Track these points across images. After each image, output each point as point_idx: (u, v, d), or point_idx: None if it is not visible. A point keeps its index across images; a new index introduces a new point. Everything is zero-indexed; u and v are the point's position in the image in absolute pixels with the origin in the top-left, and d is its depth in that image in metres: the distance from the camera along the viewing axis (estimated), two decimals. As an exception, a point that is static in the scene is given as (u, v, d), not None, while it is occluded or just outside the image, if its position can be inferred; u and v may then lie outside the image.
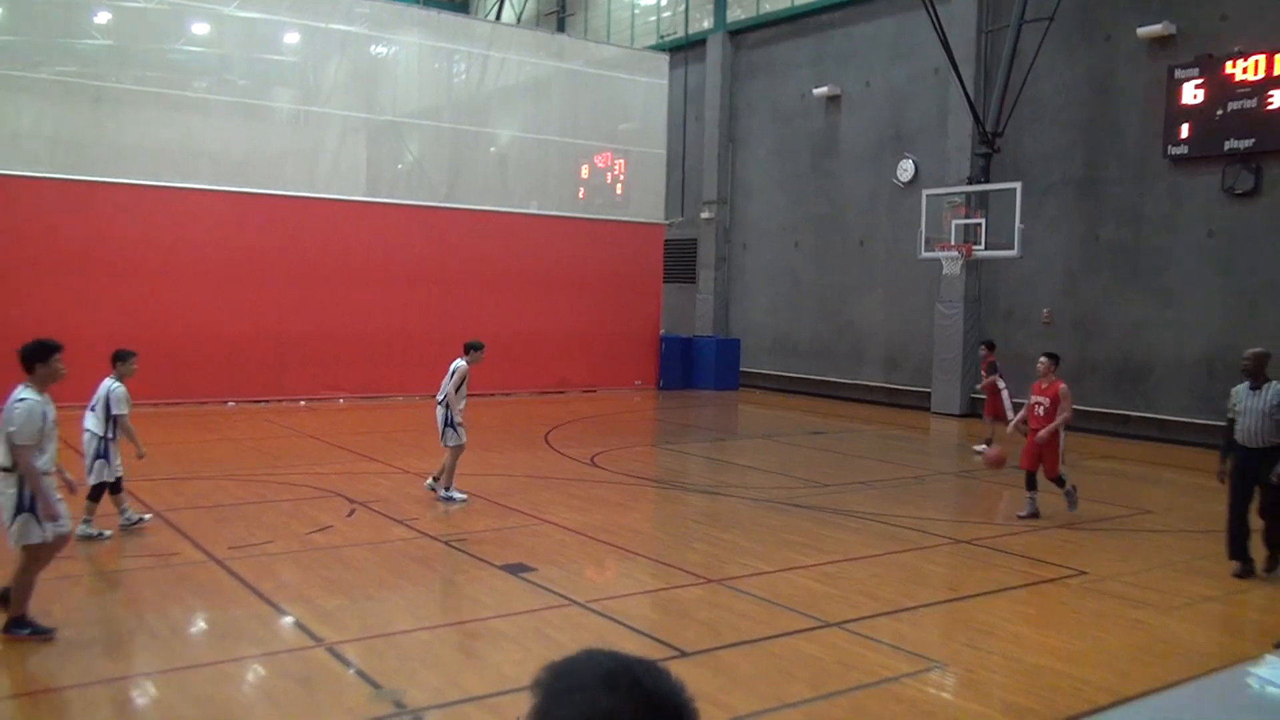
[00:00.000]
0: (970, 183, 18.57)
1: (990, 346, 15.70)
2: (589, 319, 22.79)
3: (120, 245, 17.70)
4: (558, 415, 18.68)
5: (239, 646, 6.60)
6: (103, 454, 8.97)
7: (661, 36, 27.55)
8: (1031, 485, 10.82)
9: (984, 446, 15.04)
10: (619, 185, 24.29)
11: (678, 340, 24.60)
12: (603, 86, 23.86)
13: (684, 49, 26.18)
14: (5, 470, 6.44)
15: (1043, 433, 10.57)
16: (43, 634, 6.44)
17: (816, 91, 23.06)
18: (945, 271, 18.59)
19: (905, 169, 21.31)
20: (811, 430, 18.00)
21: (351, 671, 6.12)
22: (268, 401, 18.89)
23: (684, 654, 6.42)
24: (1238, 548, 8.59)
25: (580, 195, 23.85)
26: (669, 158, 24.81)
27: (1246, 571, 8.53)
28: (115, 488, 9.11)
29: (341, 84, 21.34)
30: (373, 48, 21.88)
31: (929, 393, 20.57)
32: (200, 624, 7.16)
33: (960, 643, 6.98)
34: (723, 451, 16.42)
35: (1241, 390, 8.60)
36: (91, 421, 9.06)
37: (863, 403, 21.82)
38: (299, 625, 6.91)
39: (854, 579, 8.36)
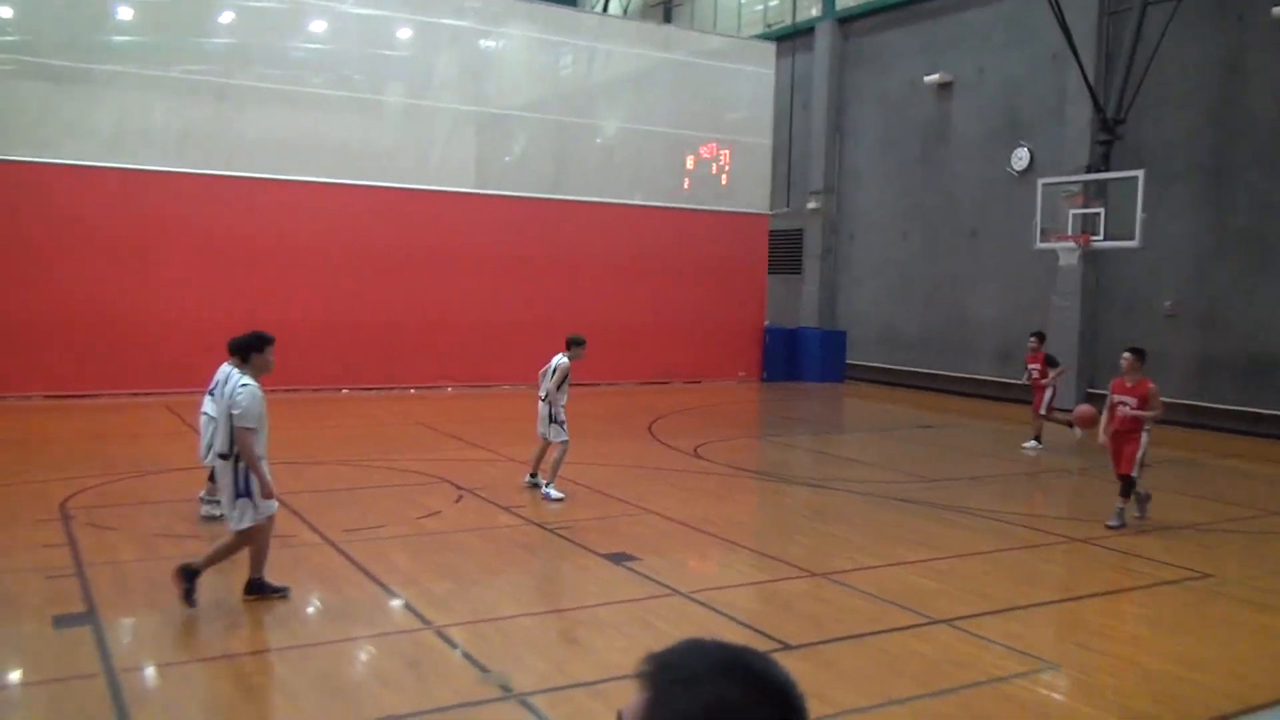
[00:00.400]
0: (1089, 171, 17.92)
1: (1041, 338, 15.23)
2: (693, 310, 22.77)
3: (242, 236, 18.38)
4: (661, 406, 18.72)
5: (352, 627, 6.80)
6: None
7: (768, 25, 27.29)
8: (1126, 493, 9.99)
9: (1034, 443, 14.67)
10: (724, 176, 24.17)
11: (782, 332, 24.40)
12: (708, 77, 23.77)
13: (791, 38, 25.88)
14: (224, 457, 6.91)
15: (1128, 411, 9.74)
16: (278, 591, 7.07)
17: (927, 79, 22.55)
18: (1061, 263, 17.98)
19: (1020, 157, 20.69)
20: (920, 424, 17.66)
21: (459, 654, 6.25)
22: (380, 389, 19.39)
23: (788, 647, 6.37)
24: None
25: (685, 186, 23.80)
26: (775, 148, 24.59)
27: None
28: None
29: (451, 78, 21.73)
30: (482, 41, 22.21)
31: (1043, 387, 19.95)
32: (316, 604, 7.40)
33: (1074, 644, 6.77)
34: (827, 444, 16.23)
35: None
36: (210, 405, 9.42)
37: (973, 397, 21.29)
38: (409, 608, 7.08)
39: (964, 576, 8.18)
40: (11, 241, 16.77)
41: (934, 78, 22.36)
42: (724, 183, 24.07)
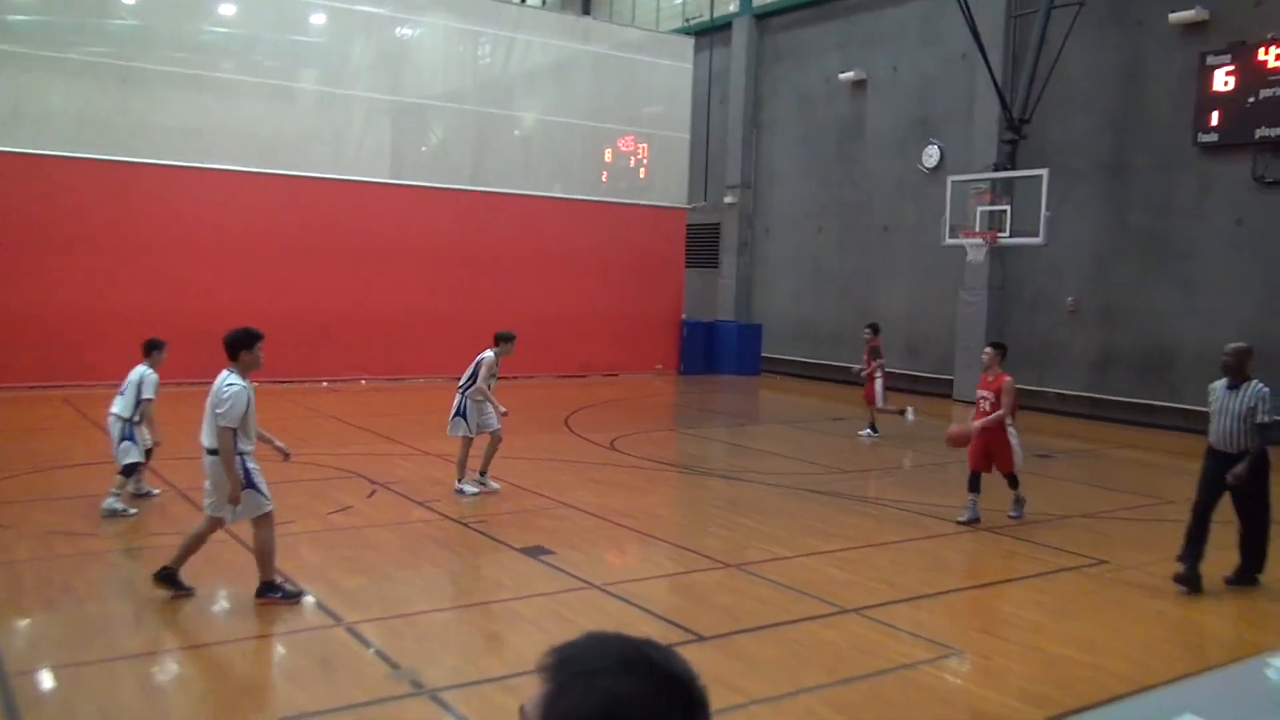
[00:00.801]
0: (996, 169, 18.40)
1: (875, 329, 15.74)
2: (611, 303, 22.79)
3: (147, 225, 17.85)
4: (579, 399, 18.71)
5: (259, 624, 6.67)
6: (128, 436, 9.15)
7: (687, 20, 27.42)
8: (974, 487, 9.87)
9: (868, 432, 15.41)
10: (642, 169, 24.24)
11: (699, 325, 24.57)
12: (627, 70, 23.78)
13: (709, 32, 26.04)
14: (211, 452, 6.79)
15: (977, 424, 9.76)
16: (293, 597, 6.96)
17: (843, 76, 22.90)
18: (970, 259, 18.45)
19: (931, 155, 21.14)
20: (832, 416, 17.95)
21: (371, 651, 6.17)
22: (290, 382, 19.00)
23: (702, 638, 6.43)
24: (1189, 552, 7.71)
25: (603, 179, 23.81)
26: (693, 142, 24.73)
27: (1188, 581, 7.62)
28: (130, 469, 9.25)
29: (367, 66, 21.38)
30: (398, 29, 21.90)
31: (951, 380, 20.46)
32: (223, 602, 7.23)
33: (979, 630, 6.96)
34: (743, 437, 16.40)
35: (1219, 388, 7.86)
36: (119, 405, 9.21)
37: (891, 390, 21.69)
38: (319, 604, 6.97)
39: (873, 565, 8.35)
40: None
41: (849, 75, 22.71)
42: (642, 176, 24.15)
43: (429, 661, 6.07)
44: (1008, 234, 17.42)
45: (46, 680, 5.71)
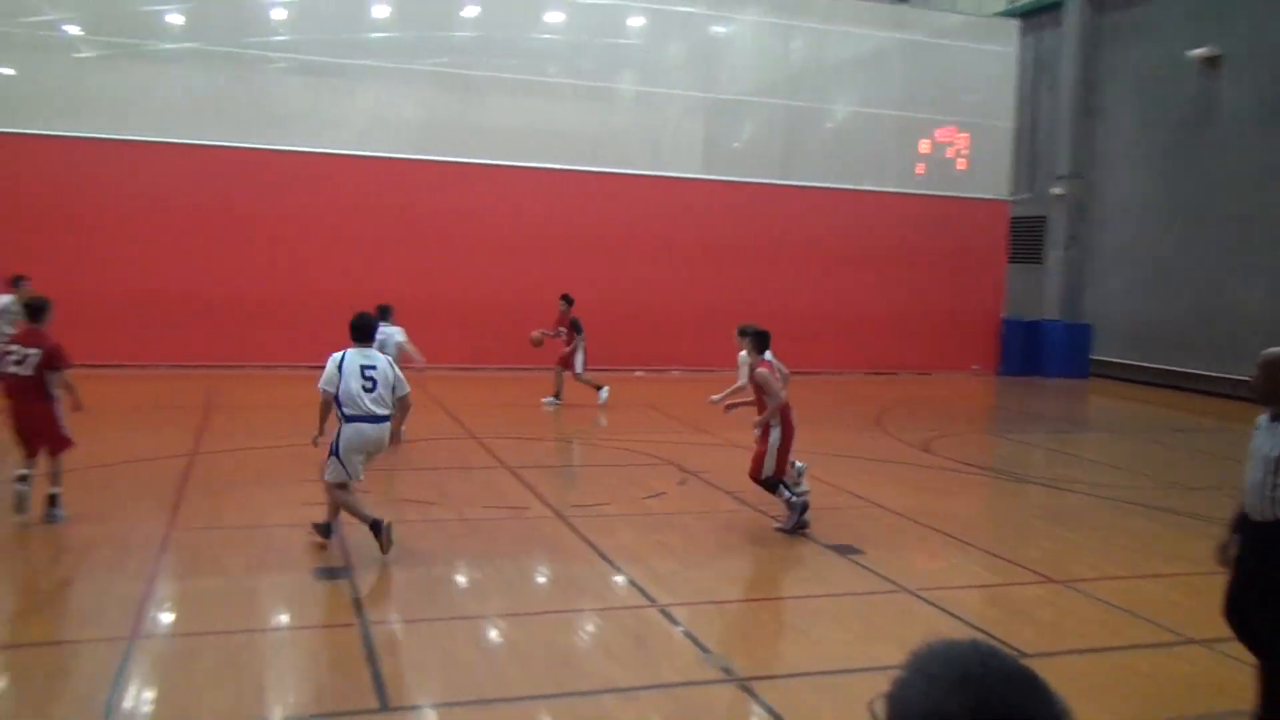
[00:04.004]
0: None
1: (568, 301, 15.50)
2: (925, 299, 22.06)
3: (484, 222, 19.31)
4: (889, 397, 18.25)
5: (579, 599, 7.01)
6: None
7: (1011, 2, 25.96)
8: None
9: (553, 399, 15.25)
10: (961, 160, 23.24)
11: (1021, 324, 23.24)
12: (946, 57, 22.89)
13: (1036, 13, 24.50)
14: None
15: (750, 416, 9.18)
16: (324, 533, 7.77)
17: (1192, 53, 20.78)
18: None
19: (1300, 137, 18.77)
20: (1176, 427, 16.39)
21: (681, 633, 6.31)
22: (608, 370, 19.85)
23: (1022, 654, 6.06)
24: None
25: (919, 171, 23.07)
26: (1017, 131, 23.42)
27: None
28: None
29: (682, 64, 21.97)
30: (712, 27, 22.30)
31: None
32: (546, 574, 7.67)
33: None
34: (1067, 444, 15.34)
35: (1262, 422, 5.00)
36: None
37: (1237, 399, 19.56)
38: (633, 584, 7.21)
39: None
40: (274, 222, 18.27)
41: (1199, 51, 20.57)
42: (961, 167, 23.16)
43: (738, 650, 6.13)
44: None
45: (398, 632, 6.29)
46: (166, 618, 6.41)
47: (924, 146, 23.11)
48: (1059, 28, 24.19)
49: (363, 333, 7.77)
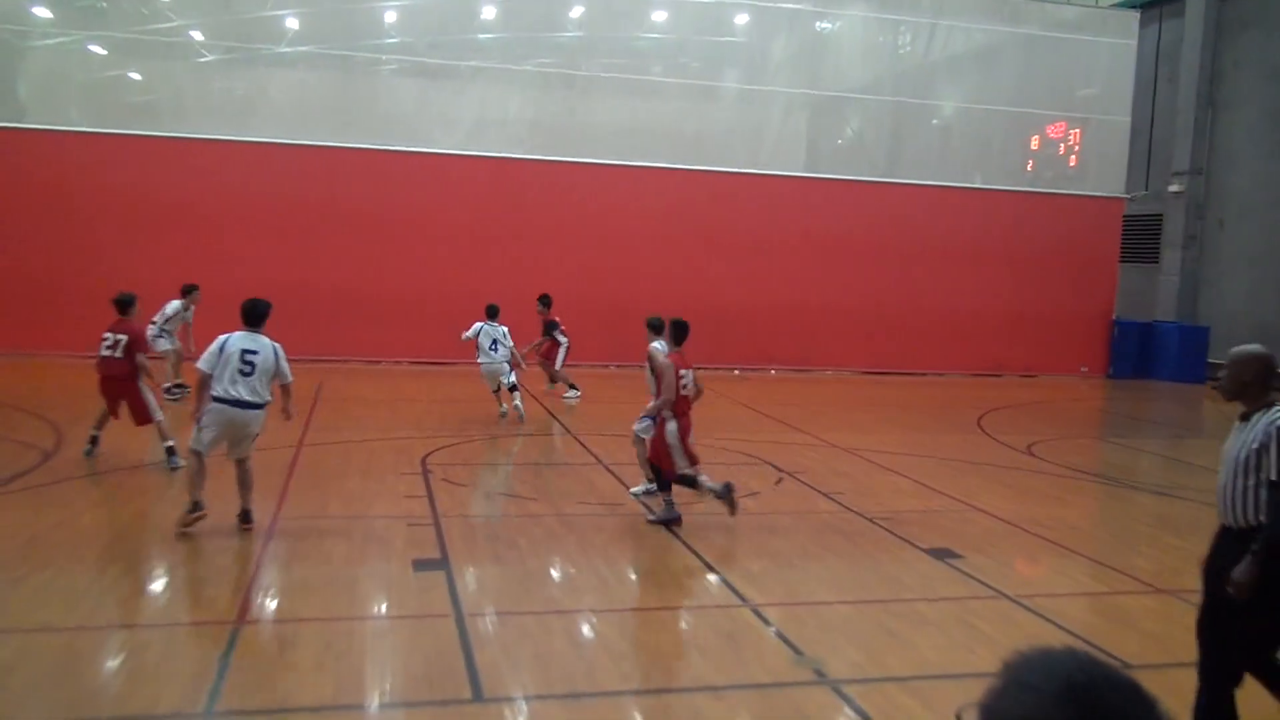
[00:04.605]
0: None
1: (545, 302, 15.40)
2: (1031, 299, 21.49)
3: (588, 220, 19.51)
4: (992, 399, 17.82)
5: (672, 597, 7.04)
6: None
7: (1132, -9, 25.05)
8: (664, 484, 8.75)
9: (573, 393, 15.34)
10: (1073, 156, 22.56)
11: (1134, 326, 22.45)
12: (1060, 50, 22.24)
13: (1157, 4, 23.61)
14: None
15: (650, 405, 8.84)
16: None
17: (1326, 42, 19.79)
18: None
19: None
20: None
21: (773, 634, 6.28)
22: (705, 369, 19.81)
23: (1127, 666, 5.83)
24: None
25: (1029, 167, 22.48)
26: (1133, 126, 22.61)
27: None
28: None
29: (786, 61, 21.81)
30: (818, 24, 22.08)
31: None
32: (639, 571, 7.72)
33: None
34: (1181, 450, 14.76)
35: (1235, 425, 4.72)
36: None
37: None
38: (726, 584, 7.21)
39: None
40: (384, 222, 18.76)
41: (1334, 41, 19.58)
42: (1073, 164, 22.49)
43: (831, 652, 6.07)
44: None
45: (493, 624, 6.41)
46: (271, 603, 6.66)
47: (1035, 143, 22.52)
48: (1180, 18, 23.26)
49: (252, 317, 7.98)
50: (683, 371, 8.61)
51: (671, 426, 8.55)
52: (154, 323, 13.33)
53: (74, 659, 5.51)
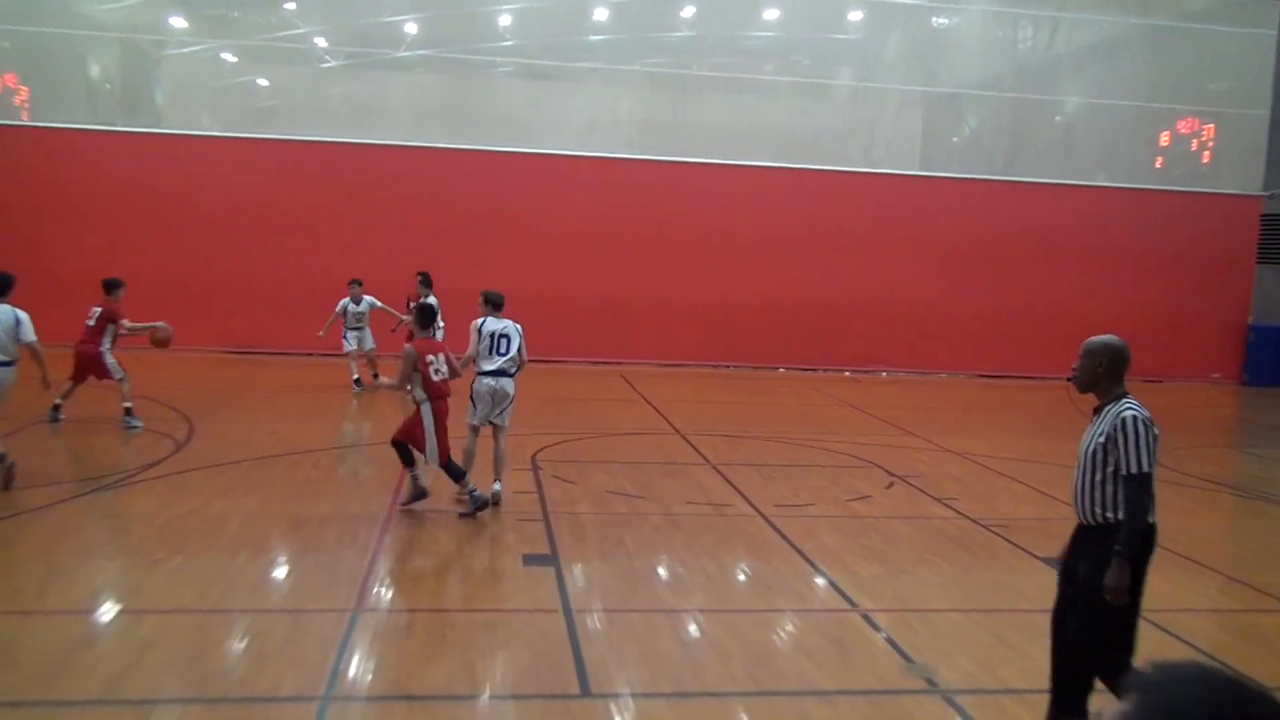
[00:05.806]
0: None
1: (425, 282, 14.51)
2: (1158, 301, 20.63)
3: (696, 221, 19.49)
4: (1115, 405, 17.14)
5: (780, 599, 6.97)
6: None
7: (1271, -21, 23.84)
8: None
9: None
10: (1205, 153, 21.58)
11: (1272, 330, 21.35)
12: (1191, 42, 21.30)
13: (1300, -9, 22.42)
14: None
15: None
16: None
17: None
18: None
19: None
20: None
21: (883, 639, 6.18)
22: (814, 370, 19.65)
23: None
24: None
25: (1157, 165, 21.59)
26: (1271, 120, 21.51)
27: None
28: None
29: (900, 58, 21.42)
30: (934, 19, 21.63)
31: None
32: (747, 573, 7.67)
33: None
34: (1323, 462, 13.98)
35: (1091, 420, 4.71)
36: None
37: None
38: (835, 588, 7.12)
39: None
40: (494, 223, 19.07)
41: None
42: (1205, 161, 21.52)
43: (943, 661, 5.93)
44: None
45: (601, 620, 6.46)
46: (386, 593, 6.83)
47: (1164, 139, 21.63)
48: (1325, 6, 22.03)
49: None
50: (430, 356, 8.46)
51: (426, 411, 8.44)
52: None
53: (205, 640, 5.76)
